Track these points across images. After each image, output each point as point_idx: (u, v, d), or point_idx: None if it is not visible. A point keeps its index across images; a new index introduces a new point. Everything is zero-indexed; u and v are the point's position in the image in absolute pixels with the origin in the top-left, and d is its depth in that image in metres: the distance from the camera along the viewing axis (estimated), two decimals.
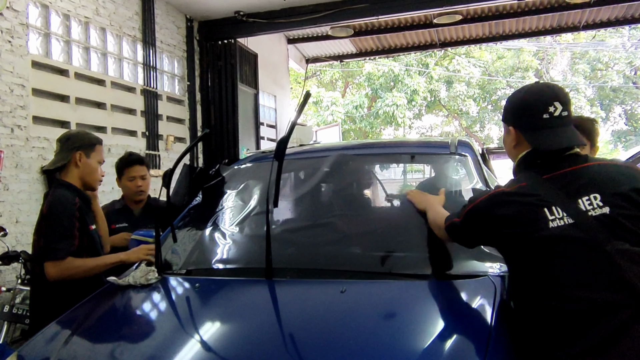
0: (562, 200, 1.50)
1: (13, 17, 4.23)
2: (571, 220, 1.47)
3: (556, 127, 1.59)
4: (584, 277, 1.45)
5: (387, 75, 19.26)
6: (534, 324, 1.52)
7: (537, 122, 1.60)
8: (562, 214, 1.48)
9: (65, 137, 2.57)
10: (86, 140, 2.57)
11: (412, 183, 2.70)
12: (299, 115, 1.95)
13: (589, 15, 8.33)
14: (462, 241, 1.78)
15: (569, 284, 1.46)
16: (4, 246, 3.79)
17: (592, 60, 22.06)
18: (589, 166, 1.57)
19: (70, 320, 1.94)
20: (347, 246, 2.24)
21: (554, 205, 1.50)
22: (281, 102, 9.47)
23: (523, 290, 1.57)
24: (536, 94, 1.64)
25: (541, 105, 1.60)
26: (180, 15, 6.78)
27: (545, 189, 1.53)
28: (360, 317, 1.69)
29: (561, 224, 1.48)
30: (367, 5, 6.53)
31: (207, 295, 2.03)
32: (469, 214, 1.67)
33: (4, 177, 4.06)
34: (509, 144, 1.72)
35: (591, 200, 1.49)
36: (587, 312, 1.43)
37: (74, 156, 2.52)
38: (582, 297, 1.44)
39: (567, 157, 1.59)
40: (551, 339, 1.47)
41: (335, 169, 2.65)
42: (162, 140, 6.24)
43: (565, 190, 1.52)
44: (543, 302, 1.49)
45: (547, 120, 1.59)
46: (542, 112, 1.59)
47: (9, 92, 4.18)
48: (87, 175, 2.56)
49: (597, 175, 1.55)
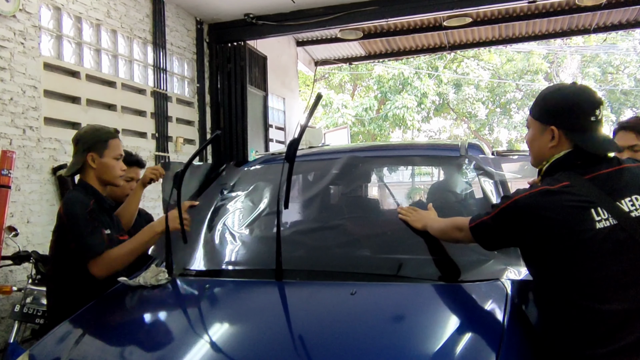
0: (605, 201, 1.51)
1: (26, 19, 4.27)
2: (615, 221, 1.48)
3: (598, 131, 1.60)
4: (628, 277, 1.47)
5: (397, 78, 19.23)
6: (564, 324, 1.52)
7: (585, 124, 1.59)
8: (607, 215, 1.49)
9: (76, 139, 2.50)
10: (96, 139, 2.45)
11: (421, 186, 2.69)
12: (310, 117, 1.95)
13: (600, 18, 8.27)
14: (487, 241, 1.74)
15: (613, 284, 1.47)
16: (15, 246, 3.82)
17: (603, 63, 21.88)
18: (627, 168, 1.59)
19: (81, 320, 1.95)
20: (357, 248, 2.23)
21: (599, 206, 1.50)
22: (290, 104, 9.48)
23: (556, 291, 1.56)
24: (586, 95, 1.62)
25: (590, 107, 1.60)
26: (190, 17, 6.82)
27: (589, 190, 1.53)
28: (370, 320, 1.68)
29: (607, 224, 1.48)
30: (377, 7, 6.53)
31: (216, 296, 2.03)
32: (504, 212, 1.62)
33: (16, 177, 4.09)
34: (544, 144, 1.66)
35: (633, 202, 1.52)
36: (624, 312, 1.45)
37: (86, 159, 2.43)
38: (625, 298, 1.46)
39: (603, 159, 1.61)
40: (582, 339, 1.48)
41: (345, 171, 2.65)
42: (171, 142, 6.27)
43: (607, 191, 1.53)
44: (579, 302, 1.49)
45: (593, 122, 1.59)
46: (590, 115, 1.59)
47: (21, 93, 4.22)
48: (104, 174, 2.46)
49: (635, 176, 1.57)
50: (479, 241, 1.75)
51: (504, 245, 1.77)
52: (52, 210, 4.47)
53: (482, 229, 1.71)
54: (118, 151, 2.51)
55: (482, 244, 1.76)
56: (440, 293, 1.84)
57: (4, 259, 3.82)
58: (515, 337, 1.54)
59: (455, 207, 2.32)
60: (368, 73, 20.32)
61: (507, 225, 1.63)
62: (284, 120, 9.20)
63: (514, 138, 23.45)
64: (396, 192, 2.86)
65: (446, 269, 1.99)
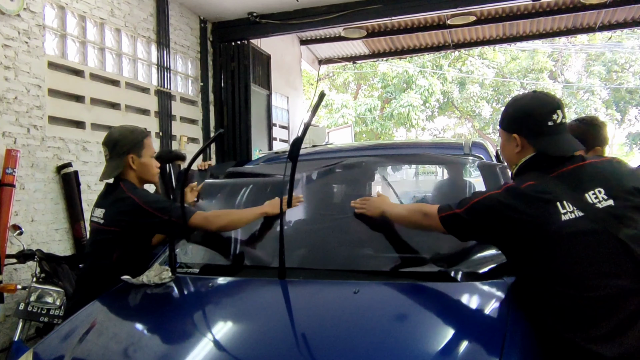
0: (570, 195, 1.61)
1: (30, 18, 4.28)
2: (581, 213, 1.58)
3: (559, 134, 1.71)
4: (599, 265, 1.54)
5: (401, 77, 19.20)
6: (547, 314, 1.59)
7: (543, 129, 1.71)
8: (572, 208, 1.59)
9: (112, 142, 2.51)
10: (135, 140, 2.51)
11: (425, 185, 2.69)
12: (313, 116, 1.95)
13: (605, 16, 8.23)
14: (460, 232, 1.82)
15: (592, 273, 1.54)
16: (20, 245, 3.84)
17: (608, 61, 21.78)
18: (589, 163, 1.72)
19: (85, 318, 1.95)
20: (359, 247, 2.23)
21: (564, 200, 1.60)
22: (294, 103, 9.48)
23: (537, 282, 1.63)
24: (540, 102, 1.76)
25: (546, 113, 1.72)
26: (194, 16, 6.82)
27: (553, 186, 1.64)
28: (373, 318, 1.68)
29: (572, 217, 1.58)
30: (381, 6, 6.52)
31: (220, 295, 2.03)
32: (477, 206, 1.73)
33: (20, 176, 4.10)
34: (511, 150, 1.81)
35: (596, 194, 1.62)
36: (602, 298, 1.51)
37: (126, 161, 2.48)
38: (605, 285, 1.52)
39: (567, 157, 1.72)
40: (565, 324, 1.54)
41: (348, 170, 2.65)
42: (175, 140, 6.28)
43: (571, 186, 1.64)
44: (559, 291, 1.57)
45: (551, 127, 1.71)
46: (547, 120, 1.71)
47: (26, 92, 4.23)
48: (144, 174, 2.54)
49: (598, 171, 1.69)
50: (450, 232, 1.84)
51: (476, 238, 1.88)
52: (57, 209, 4.49)
53: (454, 221, 1.79)
54: (153, 149, 2.60)
55: (454, 235, 1.84)
56: (443, 292, 1.84)
57: (9, 257, 3.84)
58: (519, 335, 1.54)
59: None
60: (373, 72, 20.29)
61: (478, 220, 1.73)
62: (288, 119, 9.20)
63: None
64: (400, 191, 2.85)
65: (449, 268, 1.98)
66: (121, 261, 2.40)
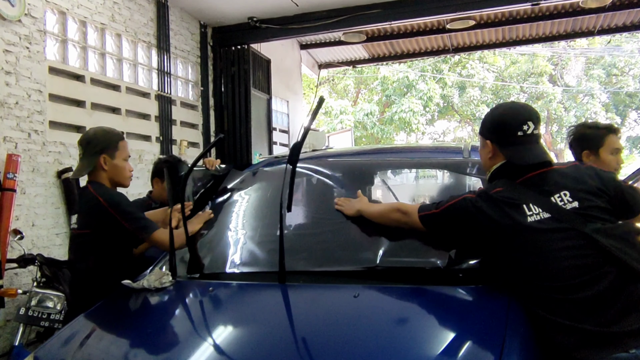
0: (536, 199, 1.73)
1: (31, 23, 4.30)
2: (547, 214, 1.70)
3: (528, 144, 1.81)
4: (584, 265, 1.62)
5: (402, 81, 19.23)
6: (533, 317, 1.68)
7: (512, 138, 1.82)
8: (538, 210, 1.71)
9: (86, 141, 2.53)
10: (108, 141, 2.52)
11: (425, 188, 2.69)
12: (313, 120, 1.96)
13: (604, 20, 8.26)
14: (437, 231, 1.95)
15: (572, 273, 1.63)
16: (21, 249, 3.84)
17: (607, 65, 21.81)
18: (555, 169, 1.83)
19: (85, 322, 1.96)
20: (359, 251, 2.23)
21: (530, 203, 1.72)
22: (294, 107, 9.49)
23: (518, 284, 1.74)
24: (513, 113, 1.87)
25: (516, 124, 1.82)
26: (195, 21, 6.85)
27: (519, 191, 1.76)
28: (373, 322, 1.68)
29: (538, 218, 1.70)
30: (380, 11, 6.54)
31: (220, 299, 2.04)
32: (452, 208, 1.85)
33: (21, 181, 4.11)
34: (485, 156, 1.95)
35: (562, 197, 1.72)
36: (588, 300, 1.59)
37: (98, 161, 2.48)
38: (585, 285, 1.60)
39: (535, 165, 1.81)
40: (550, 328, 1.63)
41: (348, 174, 2.65)
42: (175, 145, 6.29)
43: (537, 190, 1.75)
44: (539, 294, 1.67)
45: (520, 137, 1.81)
46: (517, 130, 1.81)
47: (27, 97, 4.25)
48: (115, 176, 2.54)
49: (563, 175, 1.79)
50: (429, 230, 1.95)
51: (452, 236, 1.96)
52: (57, 214, 4.50)
53: (432, 220, 1.92)
54: (127, 152, 2.60)
55: (432, 233, 1.96)
56: (443, 296, 1.84)
57: (10, 261, 3.84)
58: (517, 340, 1.54)
59: None
60: (374, 76, 20.31)
61: (452, 220, 1.85)
62: (288, 123, 9.21)
63: None
64: (400, 195, 2.85)
65: (449, 272, 1.98)
66: (99, 265, 2.41)
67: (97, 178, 2.51)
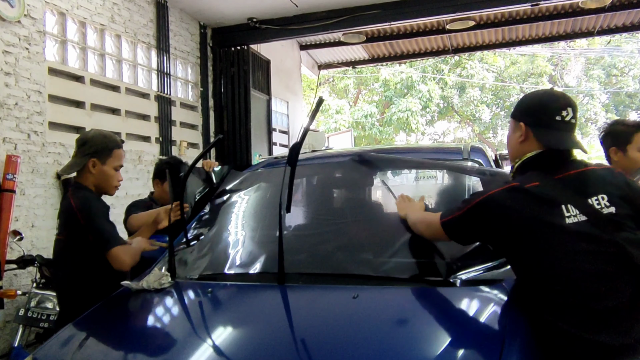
0: (574, 199, 1.62)
1: (31, 24, 4.30)
2: (584, 217, 1.59)
3: (564, 131, 1.70)
4: (607, 273, 1.55)
5: (402, 82, 19.25)
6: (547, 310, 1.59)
7: (549, 122, 1.71)
8: (575, 212, 1.60)
9: (82, 141, 2.48)
10: (103, 145, 2.45)
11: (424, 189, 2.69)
12: (312, 121, 1.96)
13: (604, 21, 8.26)
14: (460, 235, 1.81)
15: (594, 280, 1.55)
16: (20, 250, 3.84)
17: (607, 65, 21.81)
18: (592, 170, 1.72)
19: (84, 324, 1.96)
20: (359, 252, 2.23)
21: (569, 204, 1.61)
22: (294, 108, 9.49)
23: (537, 282, 1.63)
24: (553, 97, 1.76)
25: (556, 107, 1.71)
26: (194, 22, 6.85)
27: (558, 189, 1.64)
28: (373, 323, 1.68)
29: (575, 220, 1.59)
30: (380, 11, 6.54)
31: (219, 301, 2.03)
32: (476, 207, 1.70)
33: (20, 182, 4.11)
34: (516, 140, 1.79)
35: (599, 200, 1.63)
36: (611, 309, 1.52)
37: (87, 163, 2.42)
38: (608, 294, 1.53)
39: (571, 161, 1.73)
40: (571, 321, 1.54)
41: (347, 175, 2.65)
42: (175, 145, 6.29)
43: (575, 190, 1.64)
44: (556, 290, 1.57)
45: (558, 122, 1.70)
46: (555, 114, 1.70)
47: (26, 98, 4.25)
48: (101, 182, 2.46)
49: (601, 178, 1.69)
50: (451, 236, 1.82)
51: (476, 240, 1.85)
52: (57, 215, 4.48)
53: (455, 224, 1.78)
54: (120, 162, 2.52)
55: (454, 239, 1.82)
56: (442, 296, 1.84)
57: (9, 262, 3.84)
58: (517, 340, 1.54)
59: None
60: (374, 77, 20.31)
61: (479, 220, 1.71)
62: (288, 124, 9.22)
63: None
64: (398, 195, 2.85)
65: (449, 272, 1.98)
66: (75, 274, 2.36)
67: (83, 180, 2.45)
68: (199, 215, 2.71)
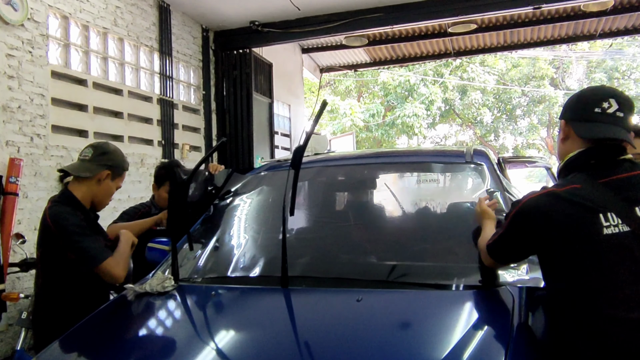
0: (618, 207, 1.45)
1: (34, 28, 4.32)
2: (627, 227, 1.43)
3: (606, 123, 1.54)
4: (631, 285, 1.41)
5: (403, 86, 19.25)
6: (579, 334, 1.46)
7: (588, 115, 1.57)
8: (617, 221, 1.44)
9: (102, 150, 2.42)
10: (120, 163, 2.45)
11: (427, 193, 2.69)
12: (316, 125, 1.96)
13: (606, 24, 8.26)
14: (506, 256, 1.70)
15: (620, 293, 1.42)
16: (23, 253, 3.84)
17: (609, 69, 21.80)
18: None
19: (87, 327, 1.95)
20: (362, 255, 2.23)
21: (609, 212, 1.45)
22: (295, 111, 9.51)
23: (571, 300, 1.49)
24: (594, 89, 1.65)
25: (595, 99, 1.58)
26: (197, 25, 6.86)
27: (600, 194, 1.48)
28: (376, 327, 1.67)
29: (616, 231, 1.43)
30: (382, 14, 6.55)
31: (223, 304, 2.03)
32: (516, 217, 1.59)
33: (23, 185, 4.12)
34: (559, 139, 1.69)
35: None
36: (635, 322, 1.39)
37: (101, 173, 2.37)
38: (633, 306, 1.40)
39: (621, 161, 1.55)
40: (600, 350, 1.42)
41: (350, 178, 2.65)
42: (177, 149, 6.30)
43: (622, 196, 1.47)
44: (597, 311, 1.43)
45: (598, 114, 1.55)
46: (594, 106, 1.56)
47: (29, 101, 4.26)
48: (101, 196, 2.42)
49: None
50: (499, 260, 1.71)
51: (525, 253, 1.69)
52: None
53: (498, 245, 1.67)
54: (121, 184, 2.54)
55: (499, 260, 1.72)
56: (446, 300, 1.83)
57: (12, 266, 3.84)
58: (522, 345, 1.53)
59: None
60: (374, 79, 20.32)
61: (519, 231, 1.59)
62: (290, 127, 9.23)
63: (519, 144, 23.37)
64: (401, 199, 2.85)
65: (452, 276, 1.98)
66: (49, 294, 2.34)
67: (75, 188, 2.37)
68: (202, 218, 2.71)
